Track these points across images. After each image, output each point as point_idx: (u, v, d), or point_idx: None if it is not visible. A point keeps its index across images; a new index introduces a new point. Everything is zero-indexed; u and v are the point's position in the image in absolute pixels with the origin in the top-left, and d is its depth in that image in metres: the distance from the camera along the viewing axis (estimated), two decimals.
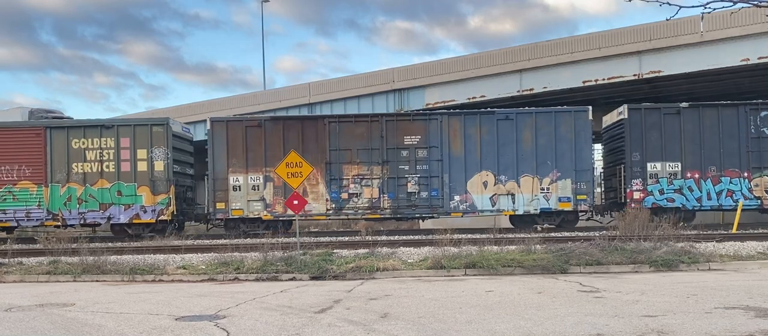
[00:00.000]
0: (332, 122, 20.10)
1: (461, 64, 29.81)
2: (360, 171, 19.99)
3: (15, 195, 19.90)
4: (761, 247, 14.27)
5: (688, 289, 9.50)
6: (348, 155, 19.98)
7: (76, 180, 19.91)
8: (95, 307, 8.95)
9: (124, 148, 19.95)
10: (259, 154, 19.95)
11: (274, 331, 7.08)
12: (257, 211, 19.97)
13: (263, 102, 35.22)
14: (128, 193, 19.86)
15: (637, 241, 13.64)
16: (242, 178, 19.88)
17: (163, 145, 19.92)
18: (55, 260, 14.05)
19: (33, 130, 20.20)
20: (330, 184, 19.92)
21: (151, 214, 19.86)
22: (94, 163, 19.93)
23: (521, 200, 19.77)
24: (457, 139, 19.91)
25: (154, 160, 19.90)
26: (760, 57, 23.99)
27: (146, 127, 20.11)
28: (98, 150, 19.93)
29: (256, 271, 12.64)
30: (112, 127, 20.07)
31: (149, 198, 19.85)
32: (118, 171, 19.92)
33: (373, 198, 19.95)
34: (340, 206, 20.01)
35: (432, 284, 10.91)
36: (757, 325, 6.84)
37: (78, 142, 19.95)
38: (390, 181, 19.92)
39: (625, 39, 26.26)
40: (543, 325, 7.06)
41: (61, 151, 19.93)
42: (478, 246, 13.50)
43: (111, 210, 19.90)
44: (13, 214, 19.93)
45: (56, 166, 19.91)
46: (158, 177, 19.89)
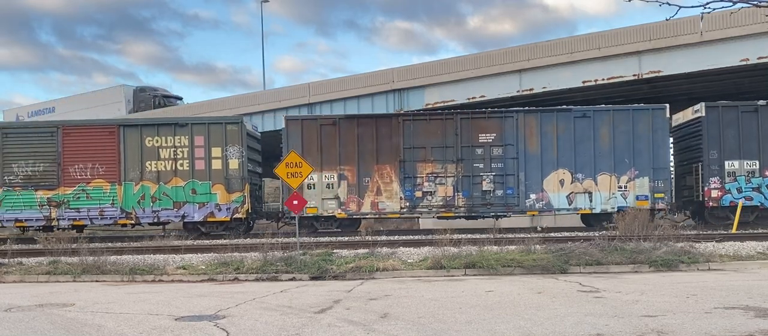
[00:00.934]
0: (406, 120, 20.08)
1: (461, 64, 29.82)
2: (434, 169, 19.92)
3: (88, 193, 19.84)
4: (761, 247, 14.27)
5: (688, 289, 9.50)
6: (422, 153, 19.92)
7: (150, 178, 19.87)
8: (95, 308, 8.95)
9: (199, 146, 19.92)
10: (333, 152, 19.96)
11: (273, 331, 7.07)
12: (331, 209, 19.97)
13: (263, 102, 35.22)
14: (203, 191, 19.82)
15: (637, 241, 13.64)
16: (316, 176, 19.81)
17: (237, 144, 19.92)
18: (54, 260, 14.05)
19: (106, 128, 20.20)
20: (404, 183, 19.87)
21: (225, 213, 19.83)
22: (167, 161, 19.89)
23: (598, 198, 19.63)
24: (533, 136, 19.81)
25: (229, 158, 19.88)
26: (759, 57, 23.99)
27: (221, 125, 20.13)
28: (172, 148, 19.90)
29: (255, 271, 12.64)
30: (186, 125, 20.08)
31: (224, 196, 19.83)
32: (193, 169, 19.89)
33: (447, 196, 19.87)
34: (414, 204, 19.96)
35: (432, 284, 10.91)
36: (757, 325, 6.84)
37: (151, 141, 19.90)
38: (464, 179, 19.83)
39: (624, 39, 26.26)
40: (543, 325, 7.06)
41: (134, 149, 19.88)
42: (478, 246, 13.50)
43: (185, 208, 19.86)
44: (86, 213, 19.87)
45: (130, 164, 19.86)
46: (233, 175, 19.87)
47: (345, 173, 19.89)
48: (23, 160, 19.74)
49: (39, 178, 19.80)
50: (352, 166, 19.93)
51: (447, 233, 14.12)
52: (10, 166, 19.76)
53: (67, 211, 19.80)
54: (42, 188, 19.79)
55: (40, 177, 19.81)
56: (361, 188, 19.88)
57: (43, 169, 19.82)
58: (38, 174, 19.80)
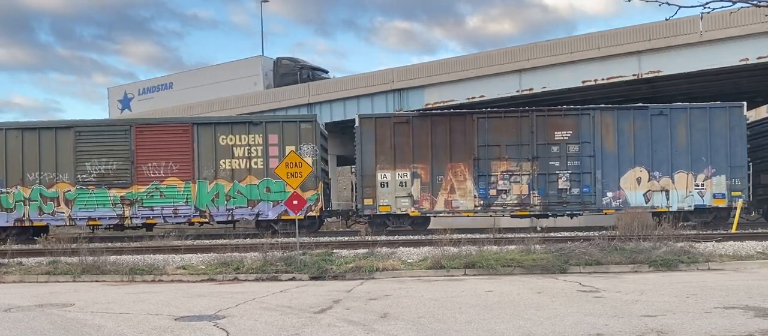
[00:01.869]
0: (481, 118, 19.94)
1: (460, 64, 29.84)
2: (509, 167, 19.78)
3: (162, 192, 19.80)
4: (761, 247, 14.27)
5: (688, 289, 9.50)
6: (496, 151, 19.77)
7: (224, 176, 19.84)
8: (95, 308, 8.95)
9: (273, 144, 19.89)
10: (406, 150, 19.88)
11: (273, 331, 7.07)
12: (405, 207, 19.90)
13: (263, 102, 35.25)
14: (277, 189, 19.67)
15: (637, 241, 13.63)
16: (390, 174, 19.82)
17: (311, 142, 19.90)
18: (54, 260, 14.03)
19: (180, 126, 20.14)
20: (478, 181, 19.75)
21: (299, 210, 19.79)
22: (242, 159, 19.85)
23: (675, 197, 19.52)
24: (610, 134, 19.66)
25: (303, 157, 19.78)
26: (759, 57, 24.01)
27: (295, 123, 20.13)
28: (246, 146, 19.86)
29: (255, 271, 12.64)
30: (260, 124, 20.11)
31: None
32: (267, 167, 19.80)
33: (522, 194, 19.74)
34: (489, 203, 19.85)
35: (431, 284, 10.91)
36: (757, 325, 6.84)
37: (225, 139, 19.86)
38: (540, 177, 19.67)
39: (624, 39, 26.29)
40: (542, 325, 7.06)
41: (208, 148, 19.84)
42: (478, 246, 13.50)
43: (259, 206, 19.83)
44: (160, 211, 19.84)
45: (204, 163, 19.81)
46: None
47: (418, 171, 19.83)
48: (96, 159, 19.70)
49: (112, 177, 19.78)
50: (425, 164, 19.84)
51: (446, 233, 14.13)
52: (84, 165, 19.74)
53: (140, 210, 19.79)
54: (115, 187, 19.77)
55: (113, 175, 19.79)
56: (434, 186, 19.78)
57: (117, 167, 19.79)
58: (111, 172, 19.79)
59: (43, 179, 19.75)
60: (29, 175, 19.76)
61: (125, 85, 50.17)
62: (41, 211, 19.77)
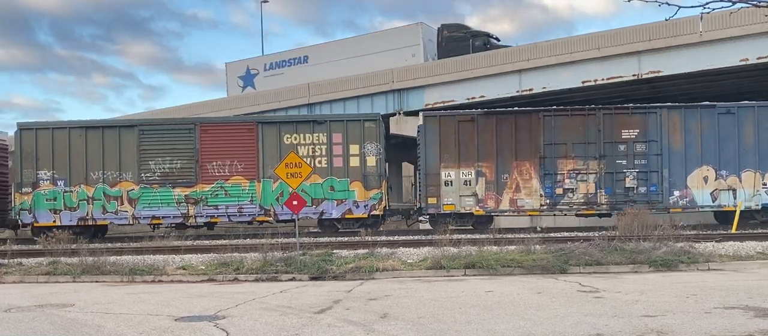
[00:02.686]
0: (547, 116, 19.83)
1: (460, 64, 29.81)
2: (575, 165, 19.67)
3: (227, 190, 19.83)
4: (761, 247, 14.27)
5: (688, 289, 9.50)
6: (563, 149, 19.65)
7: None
8: (95, 308, 8.95)
9: (337, 143, 19.92)
10: (471, 148, 19.78)
11: (273, 332, 7.07)
12: (469, 206, 19.78)
13: (262, 102, 35.20)
14: (341, 188, 19.80)
15: (637, 241, 13.64)
16: (454, 173, 19.74)
17: (375, 141, 19.89)
18: (54, 261, 14.04)
19: (245, 125, 20.24)
20: (544, 179, 19.65)
21: (363, 209, 19.82)
22: (306, 158, 19.65)
23: (743, 195, 19.43)
24: (677, 133, 19.57)
25: (367, 156, 19.84)
26: (759, 57, 23.98)
27: (359, 122, 20.10)
28: (310, 145, 19.91)
29: (255, 271, 12.64)
30: (324, 123, 20.10)
31: (362, 193, 19.80)
32: (331, 166, 19.88)
33: (589, 193, 19.64)
34: (555, 202, 19.74)
35: (431, 284, 10.91)
36: (757, 325, 6.84)
37: (290, 138, 19.91)
38: (607, 176, 19.58)
39: (624, 39, 26.26)
40: (543, 325, 7.06)
41: (272, 147, 19.87)
42: (478, 246, 13.51)
43: (323, 205, 19.85)
44: (225, 210, 19.86)
45: (268, 161, 19.76)
46: (371, 172, 19.83)
47: (483, 170, 19.74)
48: (160, 157, 19.75)
49: (176, 176, 19.83)
50: (490, 162, 19.76)
51: (446, 234, 14.12)
52: (148, 163, 19.79)
53: (205, 209, 19.82)
54: (179, 185, 19.81)
55: (177, 174, 19.84)
56: (499, 185, 19.69)
57: (181, 166, 19.84)
58: (176, 171, 19.84)
59: (107, 178, 19.81)
60: (92, 174, 19.81)
61: (248, 60, 44.97)
62: (105, 210, 19.83)
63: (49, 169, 19.73)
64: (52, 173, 19.77)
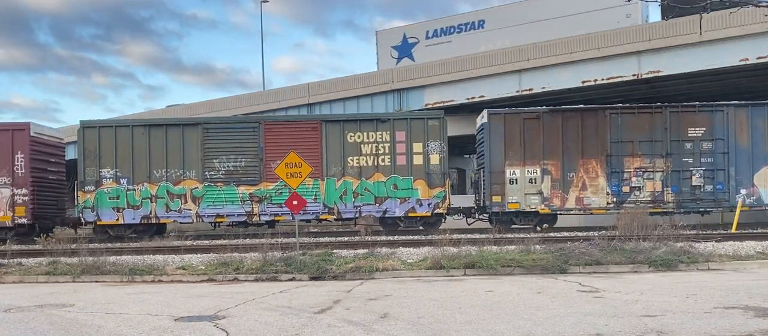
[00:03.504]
0: (613, 113, 19.76)
1: (460, 64, 29.83)
2: (642, 163, 19.62)
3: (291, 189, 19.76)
4: (760, 247, 14.27)
5: (688, 289, 9.50)
6: (629, 147, 19.59)
7: (352, 173, 19.80)
8: (94, 308, 8.95)
9: (400, 141, 19.83)
10: (536, 146, 19.72)
11: (273, 332, 7.07)
12: (534, 204, 19.73)
13: (262, 102, 35.21)
14: (404, 186, 19.74)
15: (637, 241, 13.63)
16: (519, 171, 19.69)
17: (438, 139, 19.80)
18: (54, 261, 14.02)
19: (309, 123, 20.27)
20: (610, 177, 19.59)
21: (426, 208, 19.74)
22: (369, 156, 19.81)
23: None
24: (744, 131, 19.50)
25: (430, 154, 19.76)
26: (759, 57, 24.00)
27: (422, 120, 20.01)
28: (374, 143, 19.83)
29: (255, 271, 12.63)
30: (388, 121, 20.00)
31: (425, 191, 19.72)
32: (394, 164, 19.79)
33: (655, 191, 19.60)
34: (621, 200, 19.61)
35: (431, 284, 10.91)
36: (757, 325, 6.84)
37: (353, 136, 19.86)
38: (673, 174, 19.53)
39: (624, 39, 26.28)
40: (542, 325, 7.06)
41: (336, 145, 19.85)
42: (478, 246, 13.49)
43: (386, 203, 19.79)
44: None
45: (331, 160, 19.81)
46: (434, 170, 19.74)
47: (548, 168, 19.69)
48: (225, 155, 19.68)
49: (241, 174, 19.78)
50: (556, 160, 19.70)
51: (446, 233, 14.12)
52: (212, 162, 19.75)
53: (269, 207, 19.79)
54: (244, 184, 19.76)
55: (241, 172, 19.79)
56: (565, 183, 19.65)
57: (245, 164, 19.79)
58: (240, 169, 19.78)
59: (170, 176, 19.78)
60: (156, 172, 19.77)
61: (404, 27, 40.61)
62: (168, 208, 19.78)
63: (112, 167, 19.68)
64: (115, 171, 19.74)
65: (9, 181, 19.71)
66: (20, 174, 19.77)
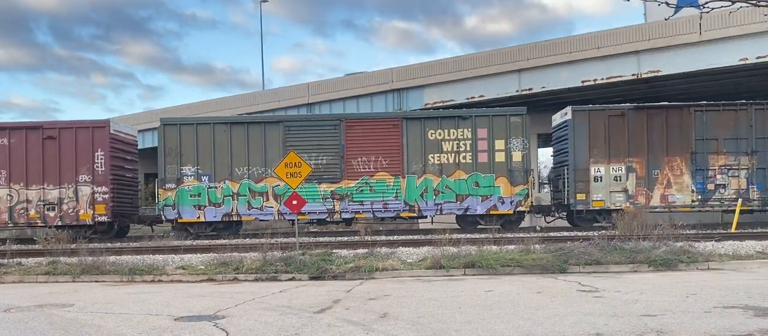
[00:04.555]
0: (698, 111, 19.73)
1: (460, 64, 29.83)
2: (727, 161, 19.64)
3: (371, 186, 19.85)
4: (760, 247, 14.28)
5: (688, 289, 9.51)
6: (714, 145, 19.60)
7: (433, 171, 19.81)
8: (94, 308, 8.94)
9: (482, 138, 19.84)
10: (621, 143, 19.70)
11: (273, 331, 7.07)
12: (619, 202, 19.66)
13: (262, 102, 35.21)
14: (486, 184, 19.71)
15: (636, 241, 13.64)
16: (603, 168, 19.66)
17: (520, 136, 19.78)
18: (54, 261, 14.03)
19: (390, 120, 20.23)
20: (695, 175, 19.59)
21: (508, 206, 19.71)
22: (450, 154, 19.78)
23: None
24: None
25: (512, 151, 19.72)
26: (758, 56, 24.00)
27: (504, 117, 19.97)
28: (455, 141, 19.85)
29: (255, 271, 12.63)
30: (469, 118, 19.98)
31: (507, 189, 19.70)
32: (475, 162, 19.81)
33: (740, 189, 19.60)
34: (706, 198, 19.64)
35: (431, 284, 10.91)
36: (757, 325, 6.84)
37: (434, 134, 19.87)
38: (758, 171, 19.55)
39: (623, 38, 26.28)
40: (542, 325, 7.06)
41: (416, 142, 19.86)
42: (477, 246, 13.50)
43: (468, 201, 19.77)
44: (370, 206, 19.89)
45: (412, 157, 19.83)
46: (516, 167, 19.73)
47: (633, 165, 19.68)
48: (306, 153, 19.55)
49: (322, 171, 19.83)
50: (640, 157, 19.69)
51: (446, 233, 14.12)
52: None
53: (350, 204, 19.86)
54: (325, 181, 19.85)
55: (323, 170, 19.85)
56: (650, 180, 19.63)
57: (327, 162, 19.88)
58: (321, 167, 19.83)
59: (252, 174, 19.86)
60: (237, 170, 19.86)
61: None
62: (250, 205, 19.89)
63: (193, 164, 19.76)
64: (196, 169, 19.83)
65: (89, 178, 19.86)
66: (100, 172, 19.91)
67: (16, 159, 19.93)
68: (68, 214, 19.93)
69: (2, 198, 19.94)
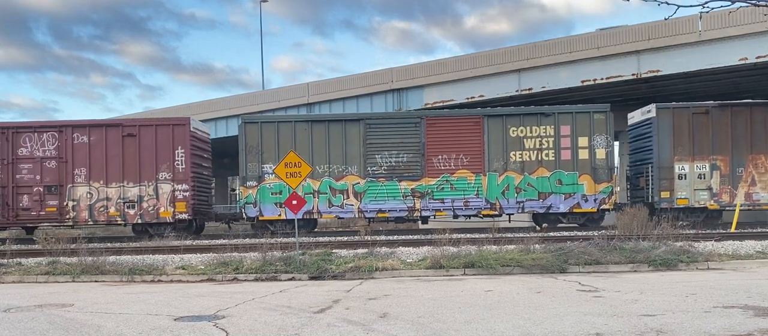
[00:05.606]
0: None
1: (459, 64, 29.84)
2: None
3: (452, 184, 19.86)
4: (760, 246, 14.29)
5: (687, 289, 9.51)
6: None
7: (514, 168, 19.81)
8: (94, 308, 8.94)
9: (565, 135, 19.78)
10: (705, 141, 19.70)
11: (273, 331, 7.07)
12: (703, 200, 19.66)
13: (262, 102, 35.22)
14: (569, 181, 19.66)
15: (636, 241, 13.65)
16: (688, 166, 19.65)
17: (604, 133, 19.72)
18: (53, 261, 14.02)
19: (471, 118, 20.21)
20: None
21: (592, 203, 19.62)
22: (532, 151, 19.75)
23: None
24: None
25: (596, 148, 19.65)
26: (758, 56, 24.02)
27: (588, 114, 19.90)
28: (537, 138, 19.80)
29: (255, 271, 12.63)
30: (552, 115, 19.92)
31: (591, 187, 19.63)
32: (558, 159, 19.75)
33: None
34: None
35: (431, 284, 10.91)
36: (756, 325, 6.84)
37: (516, 131, 19.82)
38: None
39: (623, 38, 26.30)
40: (542, 325, 7.06)
41: (497, 140, 19.85)
42: (477, 246, 13.50)
43: (550, 199, 19.71)
44: (451, 204, 19.90)
45: (493, 155, 19.81)
46: (600, 165, 19.65)
47: (717, 163, 19.66)
48: (387, 151, 19.79)
49: (403, 169, 19.92)
50: (724, 155, 19.70)
51: (446, 233, 14.12)
52: (373, 157, 19.88)
53: (430, 202, 19.86)
54: (405, 179, 19.91)
55: (403, 168, 19.92)
56: (734, 178, 19.64)
57: (407, 160, 19.92)
58: (402, 165, 19.90)
59: (333, 171, 19.94)
60: (318, 168, 19.94)
61: None
62: (330, 203, 20.02)
63: (275, 162, 19.68)
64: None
65: (169, 176, 19.94)
66: (180, 169, 20.03)
67: (96, 157, 20.02)
68: (148, 211, 19.98)
69: (82, 196, 20.01)
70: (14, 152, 20.02)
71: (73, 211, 19.99)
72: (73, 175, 19.98)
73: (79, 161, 19.96)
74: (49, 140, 20.07)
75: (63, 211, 20.00)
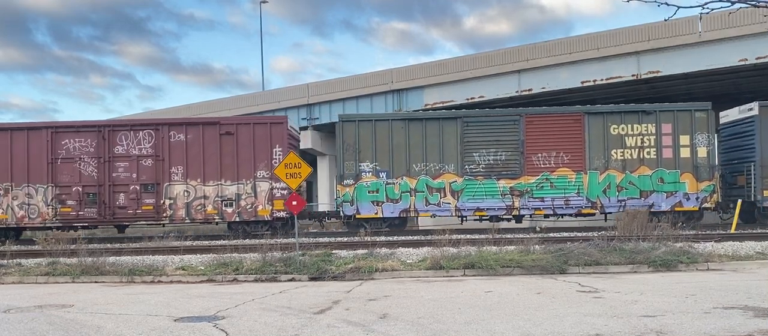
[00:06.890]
0: None
1: (459, 64, 29.87)
2: None
3: (552, 182, 19.70)
4: (760, 247, 14.27)
5: (687, 289, 9.51)
6: None
7: (615, 167, 19.64)
8: (94, 308, 8.94)
9: (666, 134, 19.61)
10: None
11: (273, 332, 7.07)
12: None
13: (261, 102, 35.27)
14: (671, 180, 19.50)
15: (636, 242, 13.64)
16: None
17: (705, 131, 19.57)
18: (53, 261, 14.02)
19: (572, 116, 20.00)
20: None
21: (694, 202, 19.49)
22: (633, 149, 19.61)
23: None
24: None
25: (697, 147, 19.54)
26: (758, 57, 24.05)
27: (688, 112, 19.69)
28: (638, 136, 19.63)
29: (255, 271, 12.63)
30: (653, 113, 19.74)
31: (693, 185, 19.48)
32: (660, 157, 19.58)
33: None
34: None
35: (431, 285, 10.91)
36: (756, 325, 6.84)
37: (617, 129, 19.66)
38: None
39: (623, 39, 26.32)
40: (542, 326, 7.06)
41: (598, 137, 19.66)
42: (477, 246, 13.51)
43: (652, 197, 19.52)
44: (551, 202, 19.74)
45: (594, 153, 19.64)
46: (701, 163, 19.51)
47: None
48: (484, 149, 19.66)
49: (501, 167, 19.78)
50: None
51: (446, 234, 14.12)
52: (471, 155, 19.77)
53: (530, 200, 19.72)
54: (504, 177, 19.76)
55: (502, 166, 19.78)
56: None
57: (506, 158, 19.78)
58: (500, 163, 19.78)
59: (429, 170, 19.85)
60: (415, 166, 19.87)
61: None
62: (427, 202, 19.88)
63: (371, 161, 19.82)
64: (374, 165, 19.88)
65: (267, 174, 19.85)
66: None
67: (193, 155, 19.93)
68: (246, 210, 19.91)
69: (179, 194, 19.94)
70: (110, 151, 19.92)
71: (169, 210, 19.89)
72: (170, 174, 19.89)
73: (176, 159, 19.88)
74: (146, 138, 20.01)
75: (160, 209, 19.89)
